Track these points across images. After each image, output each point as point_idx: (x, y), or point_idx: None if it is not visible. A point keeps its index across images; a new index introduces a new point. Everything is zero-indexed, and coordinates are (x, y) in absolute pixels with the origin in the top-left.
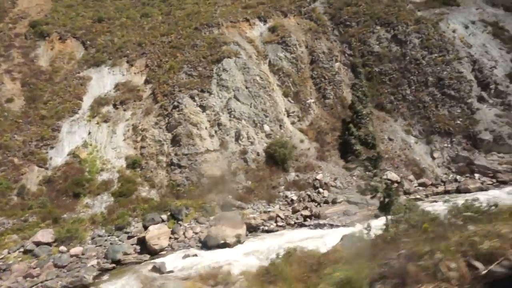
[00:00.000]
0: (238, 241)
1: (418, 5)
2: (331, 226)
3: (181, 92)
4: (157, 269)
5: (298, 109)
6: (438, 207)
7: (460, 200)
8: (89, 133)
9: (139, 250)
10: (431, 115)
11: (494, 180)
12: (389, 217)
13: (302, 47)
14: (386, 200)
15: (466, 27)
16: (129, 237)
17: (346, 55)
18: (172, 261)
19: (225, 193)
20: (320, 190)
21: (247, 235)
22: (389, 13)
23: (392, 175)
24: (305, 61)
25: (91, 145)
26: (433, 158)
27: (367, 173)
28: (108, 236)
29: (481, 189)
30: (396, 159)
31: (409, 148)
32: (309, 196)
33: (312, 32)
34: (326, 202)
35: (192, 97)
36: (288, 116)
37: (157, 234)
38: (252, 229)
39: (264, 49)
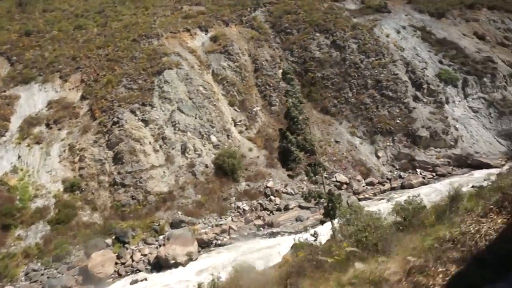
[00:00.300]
0: (190, 259)
1: (353, 12)
2: (285, 233)
3: (121, 107)
4: None
5: (245, 118)
6: (383, 206)
7: (404, 196)
8: (19, 157)
9: (81, 281)
10: (372, 116)
11: (434, 174)
12: (335, 222)
13: (245, 56)
14: (330, 205)
15: (398, 32)
16: (69, 268)
17: (288, 61)
18: None
19: (174, 209)
20: (272, 197)
21: (199, 252)
22: (327, 20)
23: (341, 177)
24: (249, 69)
25: (21, 170)
26: (378, 157)
27: (313, 178)
28: (45, 269)
29: (423, 183)
30: (343, 160)
31: (355, 149)
32: (261, 204)
33: (254, 40)
34: (278, 209)
35: (133, 112)
36: (235, 125)
37: (101, 261)
38: (205, 245)
39: (207, 58)
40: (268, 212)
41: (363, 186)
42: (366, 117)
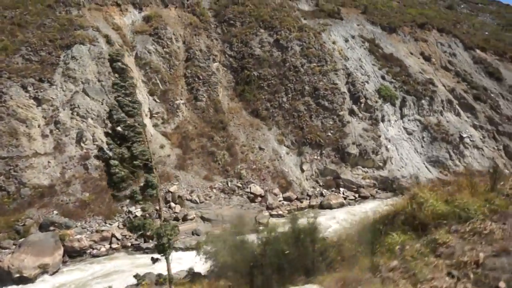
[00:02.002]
0: (44, 273)
1: (305, 14)
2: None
3: (10, 80)
4: None
5: (164, 110)
6: None
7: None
8: None
9: None
10: (304, 125)
11: (357, 195)
12: (170, 259)
13: (179, 42)
14: (160, 241)
15: (346, 40)
16: None
17: (226, 55)
18: None
19: (51, 207)
20: (172, 204)
21: (66, 262)
22: (274, 17)
23: (256, 188)
24: (180, 58)
25: None
26: (302, 171)
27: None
28: None
29: (342, 205)
30: (264, 170)
31: (279, 159)
32: (157, 211)
33: (193, 27)
34: (176, 219)
35: (24, 87)
36: (151, 117)
37: None
38: (76, 254)
39: (133, 39)
40: (163, 221)
41: (279, 201)
42: (298, 125)
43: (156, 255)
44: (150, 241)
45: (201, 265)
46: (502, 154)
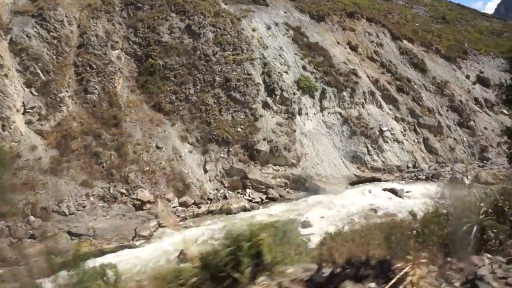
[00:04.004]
0: None
1: None
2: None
3: None
4: None
5: (43, 105)
6: None
7: (217, 224)
8: None
9: None
10: (212, 120)
11: (265, 197)
12: None
13: (72, 26)
14: None
15: (269, 27)
16: None
17: (130, 42)
18: None
19: None
20: (32, 218)
21: None
22: (188, 1)
23: (144, 194)
24: (73, 44)
25: None
26: (206, 171)
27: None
28: None
29: (245, 209)
30: (158, 172)
31: (179, 158)
32: (9, 229)
33: (91, 9)
34: (32, 236)
35: None
36: (24, 113)
37: None
38: None
39: (10, 21)
40: (15, 240)
41: (173, 207)
42: (205, 120)
43: None
44: None
45: None
46: (422, 148)
